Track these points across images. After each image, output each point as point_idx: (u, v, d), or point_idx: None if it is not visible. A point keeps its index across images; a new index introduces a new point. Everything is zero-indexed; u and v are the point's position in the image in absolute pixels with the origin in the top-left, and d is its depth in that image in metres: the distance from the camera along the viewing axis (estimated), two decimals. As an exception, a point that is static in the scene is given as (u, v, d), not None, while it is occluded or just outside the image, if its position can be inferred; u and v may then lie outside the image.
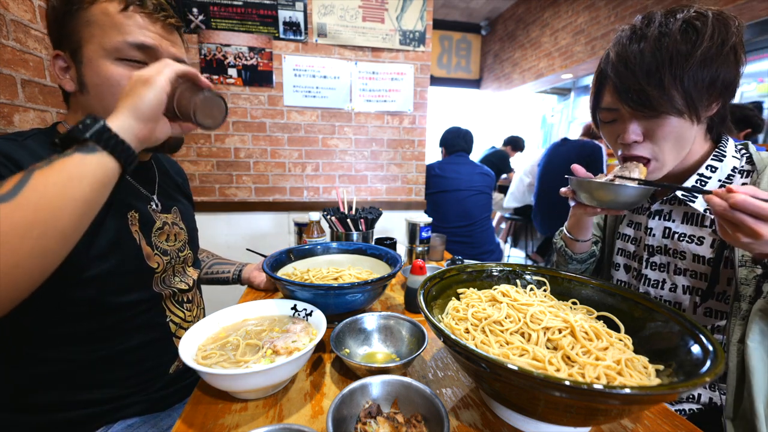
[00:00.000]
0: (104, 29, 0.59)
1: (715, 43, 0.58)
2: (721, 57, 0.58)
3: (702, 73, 0.59)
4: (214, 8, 1.80)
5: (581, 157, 2.39)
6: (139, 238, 0.68)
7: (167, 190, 0.81)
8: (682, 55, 0.58)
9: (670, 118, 0.63)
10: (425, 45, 2.05)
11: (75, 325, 0.61)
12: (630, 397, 0.35)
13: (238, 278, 1.03)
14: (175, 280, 0.76)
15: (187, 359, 0.52)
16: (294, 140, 2.04)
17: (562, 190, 0.78)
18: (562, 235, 0.92)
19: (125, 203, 0.67)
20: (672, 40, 0.59)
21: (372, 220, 1.20)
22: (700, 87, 0.60)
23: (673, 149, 0.66)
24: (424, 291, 0.57)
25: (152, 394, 0.70)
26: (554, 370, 0.46)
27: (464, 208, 2.07)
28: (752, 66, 2.98)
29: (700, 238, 0.70)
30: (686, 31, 0.59)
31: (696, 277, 0.71)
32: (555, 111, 5.51)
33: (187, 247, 0.81)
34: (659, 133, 0.65)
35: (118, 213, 0.65)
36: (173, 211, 0.79)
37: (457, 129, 2.18)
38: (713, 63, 0.58)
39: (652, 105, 0.61)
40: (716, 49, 0.58)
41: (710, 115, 0.66)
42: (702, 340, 0.45)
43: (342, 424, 0.44)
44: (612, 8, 3.29)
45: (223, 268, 1.04)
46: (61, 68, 0.62)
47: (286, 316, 0.69)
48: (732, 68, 0.60)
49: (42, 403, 0.62)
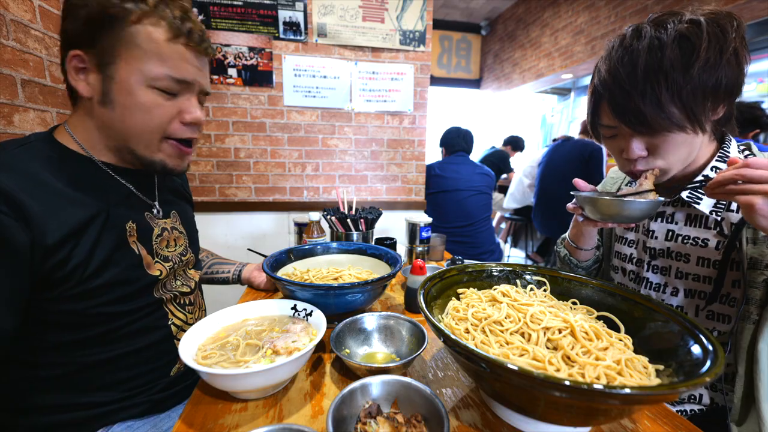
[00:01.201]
0: (147, 55, 0.58)
1: (713, 53, 0.55)
2: (721, 64, 0.56)
3: (702, 85, 0.56)
4: (214, 8, 1.80)
5: (582, 158, 2.38)
6: (138, 248, 0.67)
7: (166, 195, 0.80)
8: (678, 72, 0.56)
9: (674, 135, 0.61)
10: (425, 45, 2.05)
11: (75, 332, 0.61)
12: (630, 397, 0.35)
13: (238, 278, 1.03)
14: (176, 283, 0.76)
15: (187, 359, 0.52)
16: (294, 140, 2.04)
17: (569, 207, 0.76)
18: (565, 243, 0.91)
19: (122, 216, 0.65)
20: (666, 55, 0.56)
21: (372, 220, 1.20)
22: (700, 99, 0.57)
23: (680, 159, 0.65)
24: (424, 291, 0.57)
25: (153, 396, 0.70)
26: (554, 370, 0.46)
27: (464, 208, 2.07)
28: (752, 66, 2.92)
29: (705, 240, 0.69)
30: (680, 45, 0.56)
31: (699, 280, 0.70)
32: (555, 111, 5.51)
33: (189, 250, 0.81)
34: (663, 148, 0.63)
35: (115, 227, 0.63)
36: (172, 215, 0.78)
37: (457, 129, 2.18)
38: (713, 73, 0.56)
39: (650, 124, 0.59)
40: (715, 59, 0.55)
41: (717, 118, 0.64)
42: (702, 340, 0.45)
43: (342, 424, 0.44)
44: (612, 8, 3.29)
45: (223, 268, 1.03)
46: (78, 69, 0.59)
47: (286, 316, 0.69)
48: (734, 71, 0.58)
49: (42, 405, 0.62)
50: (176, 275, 0.76)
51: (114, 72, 0.58)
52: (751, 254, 0.62)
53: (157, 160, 0.66)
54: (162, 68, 0.59)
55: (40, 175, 0.56)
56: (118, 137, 0.63)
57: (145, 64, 0.58)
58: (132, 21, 0.57)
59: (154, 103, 0.61)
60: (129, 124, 0.61)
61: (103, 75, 0.59)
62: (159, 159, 0.66)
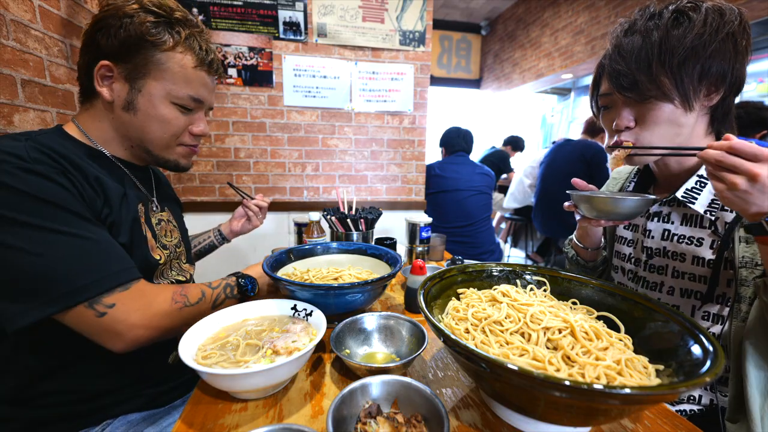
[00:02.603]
0: (176, 78, 0.68)
1: (708, 29, 0.58)
2: (715, 44, 0.58)
3: (693, 57, 0.59)
4: (214, 8, 1.80)
5: (584, 159, 2.38)
6: (145, 230, 0.72)
7: (161, 192, 0.86)
8: (672, 41, 0.59)
9: (661, 104, 0.63)
10: (425, 45, 2.05)
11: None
12: (630, 397, 0.35)
13: (222, 237, 1.12)
14: (172, 273, 0.80)
15: (187, 359, 0.52)
16: (294, 140, 2.04)
17: (566, 205, 0.78)
18: (572, 244, 0.91)
19: (134, 196, 0.72)
20: (663, 27, 0.60)
21: (372, 220, 1.20)
22: (691, 73, 0.60)
23: (665, 136, 0.66)
24: (424, 291, 0.57)
25: (151, 388, 0.72)
26: (554, 370, 0.46)
27: (464, 208, 2.07)
28: (752, 66, 2.98)
29: (700, 239, 0.69)
30: (677, 18, 0.60)
31: (695, 279, 0.70)
32: (555, 111, 5.51)
33: (182, 243, 0.86)
34: (649, 118, 0.65)
35: (131, 204, 0.70)
36: (167, 210, 0.84)
37: (457, 129, 2.18)
38: (705, 49, 0.59)
39: (639, 90, 0.63)
40: (709, 36, 0.58)
41: (711, 105, 0.66)
42: (702, 340, 0.45)
43: (342, 424, 0.44)
44: (612, 8, 3.29)
45: (201, 238, 1.11)
46: (104, 76, 0.66)
47: (286, 316, 0.69)
48: (730, 56, 0.60)
49: (40, 395, 0.63)
50: (172, 266, 0.80)
51: (142, 86, 0.67)
52: (743, 253, 0.63)
53: (172, 159, 0.77)
54: (186, 90, 0.70)
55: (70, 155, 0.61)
56: (134, 138, 0.71)
57: (172, 84, 0.68)
58: (165, 48, 0.66)
59: (173, 116, 0.71)
60: (148, 131, 0.70)
61: (131, 86, 0.67)
62: (173, 158, 0.77)
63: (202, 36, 0.71)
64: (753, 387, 0.57)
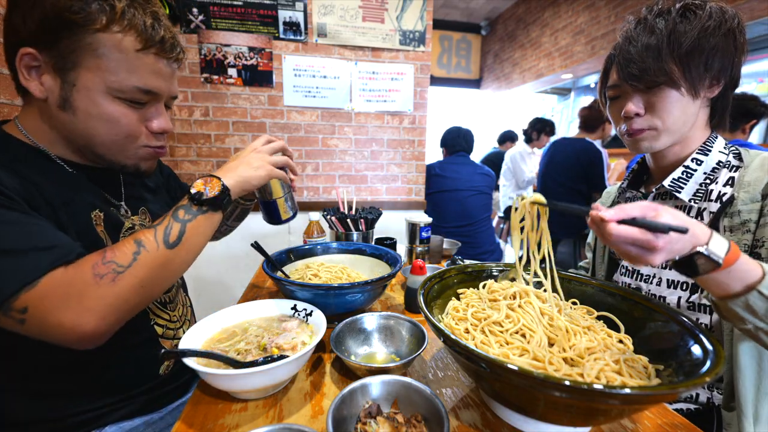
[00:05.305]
0: (115, 66, 0.54)
1: (713, 22, 0.62)
2: (718, 35, 0.62)
3: (699, 48, 0.63)
4: (214, 8, 1.80)
5: (582, 162, 2.37)
6: (106, 239, 0.62)
7: (135, 190, 0.75)
8: (680, 31, 0.63)
9: (670, 91, 0.66)
10: (425, 45, 2.05)
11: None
12: (630, 397, 0.35)
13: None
14: None
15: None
16: (294, 140, 2.04)
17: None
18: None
19: (86, 203, 0.61)
20: (671, 20, 0.65)
21: (372, 220, 1.20)
22: (697, 60, 0.64)
23: (676, 121, 0.68)
24: (424, 291, 0.58)
25: (142, 396, 0.67)
26: (554, 370, 0.46)
27: (464, 208, 2.07)
28: (752, 66, 2.98)
29: None
30: (684, 13, 0.65)
31: None
32: (555, 111, 5.51)
33: None
34: (659, 105, 0.67)
35: (78, 212, 0.59)
36: (140, 212, 0.73)
37: (457, 129, 2.17)
38: (710, 38, 0.62)
39: (649, 76, 0.66)
40: (714, 28, 0.62)
41: (712, 97, 0.69)
42: (702, 340, 0.45)
43: (342, 424, 0.44)
44: (612, 8, 3.29)
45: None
46: (29, 67, 0.53)
47: (286, 316, 0.69)
48: (730, 50, 0.64)
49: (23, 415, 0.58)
50: None
51: (75, 79, 0.53)
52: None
53: (130, 164, 0.63)
54: (130, 80, 0.55)
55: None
56: (80, 141, 0.59)
57: (110, 75, 0.54)
58: (97, 28, 0.51)
59: (120, 114, 0.57)
60: (94, 133, 0.57)
61: (62, 80, 0.54)
62: (132, 163, 0.63)
63: (148, 7, 0.55)
64: (745, 377, 0.59)
